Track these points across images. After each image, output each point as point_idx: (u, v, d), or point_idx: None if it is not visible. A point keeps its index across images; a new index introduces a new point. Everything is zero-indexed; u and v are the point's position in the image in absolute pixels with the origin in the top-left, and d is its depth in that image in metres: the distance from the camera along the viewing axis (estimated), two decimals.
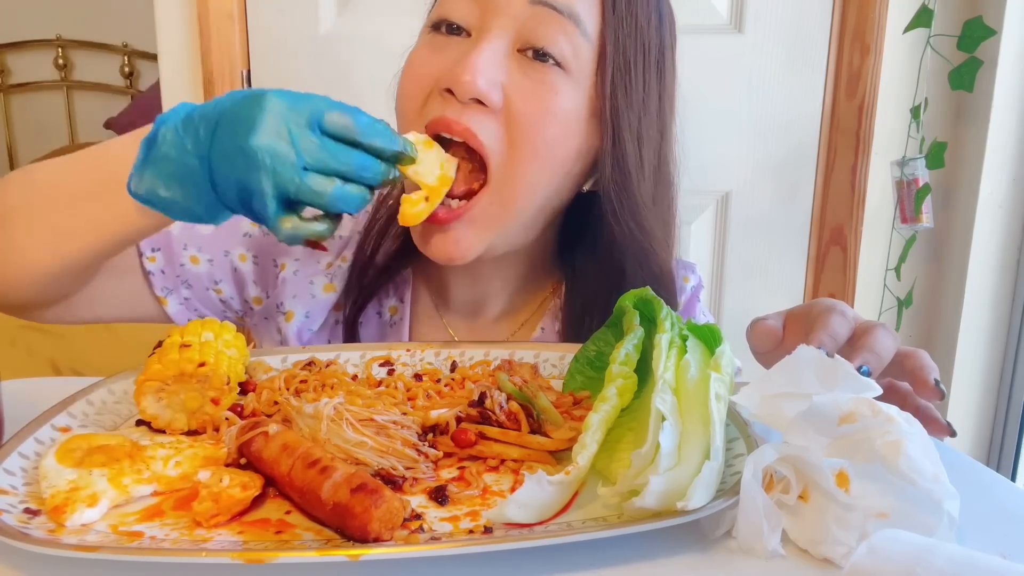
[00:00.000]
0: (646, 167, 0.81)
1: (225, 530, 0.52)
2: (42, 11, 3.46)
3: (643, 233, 0.82)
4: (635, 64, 0.77)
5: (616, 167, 0.79)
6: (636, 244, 0.83)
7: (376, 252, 0.92)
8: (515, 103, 0.75)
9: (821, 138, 1.74)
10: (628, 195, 0.80)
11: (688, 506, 0.50)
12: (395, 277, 0.94)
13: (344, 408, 0.61)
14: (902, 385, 0.67)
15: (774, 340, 0.69)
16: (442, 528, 0.53)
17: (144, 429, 0.65)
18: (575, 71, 0.76)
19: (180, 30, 1.78)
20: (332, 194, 0.61)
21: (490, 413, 0.63)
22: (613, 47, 0.76)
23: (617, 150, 0.78)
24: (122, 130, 3.31)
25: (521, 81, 0.75)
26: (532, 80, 0.75)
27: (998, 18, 1.57)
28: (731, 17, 1.70)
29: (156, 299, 0.91)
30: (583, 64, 0.76)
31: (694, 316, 0.98)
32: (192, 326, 0.70)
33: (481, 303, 0.94)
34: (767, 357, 0.71)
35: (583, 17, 0.75)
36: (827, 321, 0.64)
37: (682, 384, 0.56)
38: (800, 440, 0.54)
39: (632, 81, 0.78)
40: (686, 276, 1.00)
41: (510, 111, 0.75)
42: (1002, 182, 1.66)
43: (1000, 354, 1.76)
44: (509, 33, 0.75)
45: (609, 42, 0.76)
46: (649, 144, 0.81)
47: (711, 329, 0.61)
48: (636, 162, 0.80)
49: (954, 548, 0.46)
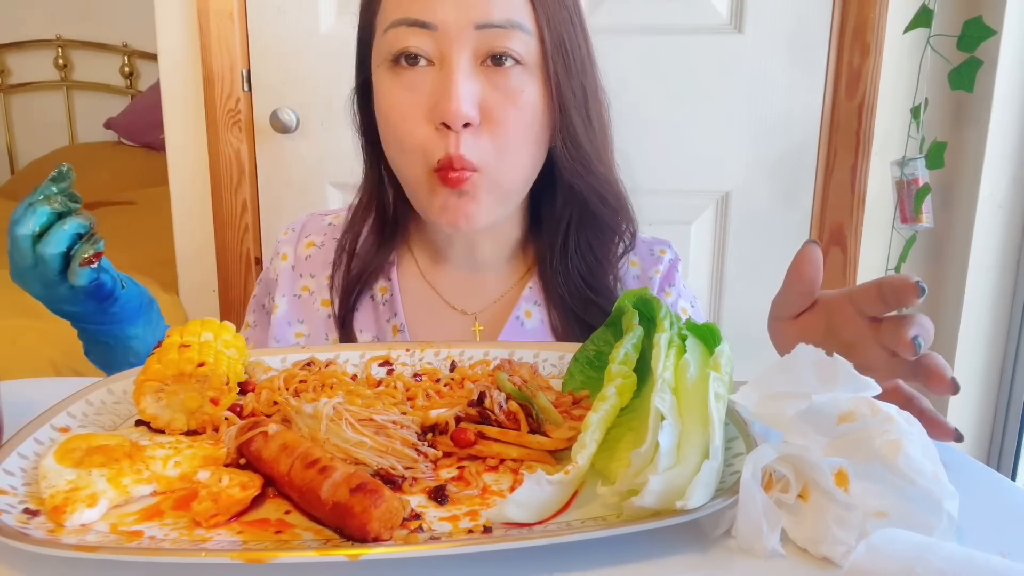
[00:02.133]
0: (593, 123, 0.92)
1: (224, 530, 0.52)
2: (42, 11, 3.46)
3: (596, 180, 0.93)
4: (567, 37, 0.87)
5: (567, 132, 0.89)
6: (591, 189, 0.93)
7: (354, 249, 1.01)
8: (493, 111, 0.85)
9: (821, 138, 1.74)
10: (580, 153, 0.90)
11: (687, 505, 0.50)
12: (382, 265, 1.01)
13: (343, 408, 0.61)
14: (906, 388, 0.67)
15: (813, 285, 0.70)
16: (441, 528, 0.53)
17: (143, 429, 0.65)
18: (528, 63, 0.85)
19: (180, 30, 1.78)
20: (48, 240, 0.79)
21: (489, 413, 0.63)
22: (548, 31, 0.85)
23: (566, 119, 0.88)
24: (122, 130, 3.33)
25: (492, 92, 0.84)
26: (499, 87, 0.85)
27: (998, 18, 1.57)
28: (731, 17, 1.70)
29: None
30: (532, 54, 0.85)
31: (675, 284, 1.03)
32: (191, 326, 0.70)
33: (477, 266, 1.00)
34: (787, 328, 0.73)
35: (520, 20, 0.84)
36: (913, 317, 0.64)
37: (681, 383, 0.56)
38: (799, 439, 0.55)
39: (568, 52, 0.87)
40: (662, 249, 1.05)
41: (490, 120, 0.85)
42: (1002, 182, 1.66)
43: (1000, 354, 1.76)
44: (468, 54, 0.83)
45: (544, 28, 0.85)
46: (591, 101, 0.91)
47: (710, 328, 0.62)
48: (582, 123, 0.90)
49: (953, 547, 0.46)
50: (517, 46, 0.83)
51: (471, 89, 0.83)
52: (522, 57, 0.84)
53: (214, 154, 1.83)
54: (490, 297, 1.00)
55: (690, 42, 1.70)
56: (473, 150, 0.84)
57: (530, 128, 0.87)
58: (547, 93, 0.87)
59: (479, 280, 1.01)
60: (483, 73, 0.84)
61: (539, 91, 0.86)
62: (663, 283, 1.02)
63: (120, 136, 3.35)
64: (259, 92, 1.80)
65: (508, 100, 0.85)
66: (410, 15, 0.83)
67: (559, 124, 0.88)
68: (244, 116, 1.81)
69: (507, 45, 0.83)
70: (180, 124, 1.85)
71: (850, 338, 0.67)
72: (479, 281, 1.01)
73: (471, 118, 0.83)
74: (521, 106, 0.85)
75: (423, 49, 0.84)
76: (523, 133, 0.86)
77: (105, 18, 3.44)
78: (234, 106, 1.80)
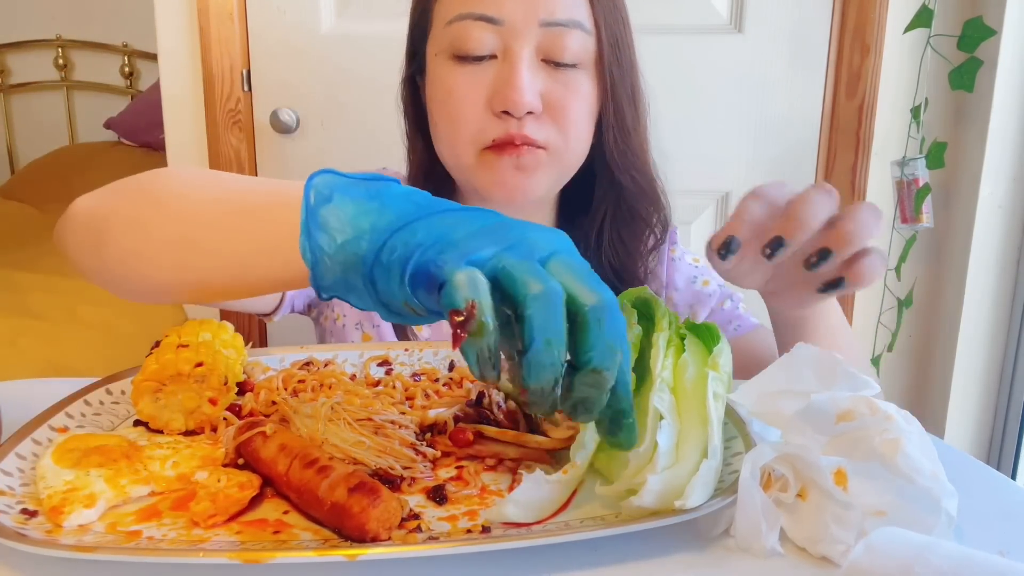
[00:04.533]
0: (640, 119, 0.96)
1: (223, 530, 0.52)
2: (42, 11, 3.45)
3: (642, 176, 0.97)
4: (620, 35, 0.91)
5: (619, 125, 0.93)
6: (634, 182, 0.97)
7: None
8: (553, 104, 0.88)
9: (821, 138, 1.74)
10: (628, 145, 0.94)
11: (686, 505, 0.50)
12: None
13: (342, 408, 0.61)
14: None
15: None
16: (440, 527, 0.53)
17: (141, 429, 0.65)
18: (584, 62, 0.89)
19: (180, 30, 1.78)
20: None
21: (488, 412, 0.63)
22: (605, 29, 0.89)
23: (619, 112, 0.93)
24: (122, 130, 3.32)
25: (552, 86, 0.88)
26: (560, 83, 0.88)
27: (998, 18, 1.57)
28: (731, 17, 1.70)
29: None
30: (590, 54, 0.89)
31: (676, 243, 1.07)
32: (190, 326, 0.70)
33: None
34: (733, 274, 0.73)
35: (581, 19, 0.87)
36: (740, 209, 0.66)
37: (680, 383, 0.56)
38: (798, 438, 0.54)
39: (620, 50, 0.91)
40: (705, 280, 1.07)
41: (551, 110, 0.88)
42: (1002, 182, 1.66)
43: (1000, 354, 1.76)
44: (531, 50, 0.87)
45: (602, 26, 0.89)
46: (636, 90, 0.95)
47: (709, 328, 0.61)
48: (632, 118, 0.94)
49: (952, 546, 0.46)
50: (576, 50, 0.87)
51: (534, 81, 0.86)
52: (579, 58, 0.88)
53: (214, 154, 1.83)
54: None
55: (690, 42, 1.70)
56: (538, 132, 0.88)
57: (585, 115, 0.91)
58: (600, 88, 0.91)
59: None
60: (543, 69, 0.88)
61: (593, 86, 0.91)
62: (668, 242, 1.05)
63: (120, 136, 3.35)
64: (259, 92, 1.80)
65: (567, 95, 0.88)
66: (476, 10, 0.86)
67: (612, 118, 0.92)
68: (244, 116, 1.81)
69: (568, 52, 0.87)
70: (180, 124, 1.85)
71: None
72: None
73: (534, 106, 0.86)
74: (579, 100, 0.89)
75: (487, 44, 0.86)
76: (579, 118, 0.90)
77: (105, 18, 3.44)
78: (234, 106, 1.80)
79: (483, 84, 0.87)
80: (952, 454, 0.64)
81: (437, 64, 0.90)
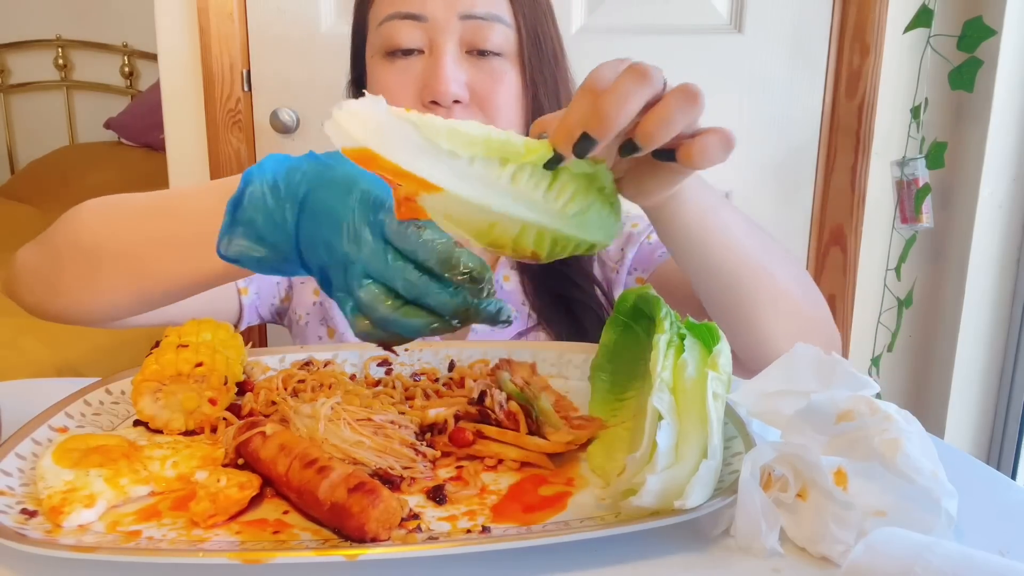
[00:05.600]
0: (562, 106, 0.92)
1: (223, 530, 0.52)
2: (42, 11, 3.45)
3: None
4: (540, 29, 0.96)
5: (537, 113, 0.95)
6: None
7: None
8: (478, 92, 0.93)
9: (821, 138, 1.73)
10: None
11: (686, 505, 0.50)
12: None
13: (342, 408, 0.61)
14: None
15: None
16: (440, 528, 0.53)
17: (141, 429, 0.65)
18: (507, 52, 0.94)
19: (180, 30, 1.77)
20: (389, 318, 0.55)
21: (489, 411, 0.63)
22: (524, 23, 0.94)
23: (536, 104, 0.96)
24: (122, 130, 3.32)
25: (477, 75, 0.93)
26: (483, 72, 0.93)
27: (998, 18, 1.57)
28: (731, 17, 1.70)
29: (237, 291, 1.02)
30: (511, 44, 0.94)
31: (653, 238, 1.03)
32: (189, 326, 0.70)
33: None
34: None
35: (500, 13, 0.93)
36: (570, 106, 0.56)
37: (680, 383, 0.56)
38: (798, 438, 0.54)
39: (540, 43, 0.96)
40: (635, 223, 1.06)
41: (478, 98, 0.93)
42: (1002, 182, 1.66)
43: (1000, 354, 1.76)
44: (455, 43, 0.92)
45: (521, 21, 0.94)
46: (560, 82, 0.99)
47: (709, 328, 0.61)
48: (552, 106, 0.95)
49: (952, 546, 0.46)
50: (496, 40, 0.93)
51: (458, 72, 0.92)
52: (500, 48, 0.93)
53: (214, 154, 1.83)
54: None
55: (690, 42, 1.70)
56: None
57: (511, 106, 0.95)
58: (523, 78, 0.96)
59: None
60: (467, 60, 0.93)
61: (517, 78, 0.95)
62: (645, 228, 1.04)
63: (120, 136, 3.35)
64: (259, 92, 1.80)
65: (490, 82, 0.93)
66: (402, 9, 0.92)
67: (530, 107, 0.96)
68: (244, 116, 1.81)
69: (487, 41, 0.92)
70: (180, 124, 1.85)
71: None
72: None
73: (460, 96, 0.91)
74: (502, 87, 0.94)
75: (415, 40, 0.92)
76: (510, 106, 0.94)
77: (105, 18, 3.44)
78: (234, 106, 1.80)
79: (412, 78, 0.93)
80: (952, 454, 0.64)
81: (373, 65, 0.97)
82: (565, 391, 0.73)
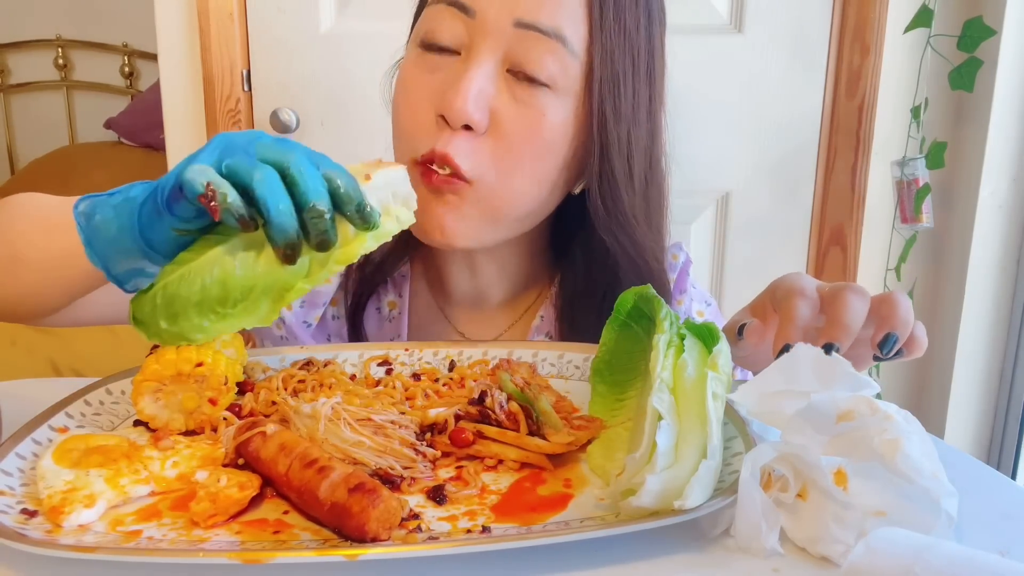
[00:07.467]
0: (635, 179, 0.81)
1: (223, 530, 0.52)
2: (42, 11, 3.46)
3: (633, 246, 0.83)
4: (624, 76, 0.77)
5: (604, 180, 0.80)
6: (625, 254, 0.83)
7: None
8: (503, 123, 0.76)
9: (821, 138, 1.74)
10: (617, 208, 0.81)
11: (685, 505, 0.50)
12: (393, 272, 0.95)
13: (342, 408, 0.61)
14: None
15: (761, 337, 0.68)
16: (440, 528, 0.53)
17: (142, 429, 0.65)
18: (563, 88, 0.76)
19: (180, 30, 1.78)
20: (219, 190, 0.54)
21: (490, 412, 0.63)
22: (601, 61, 0.76)
23: (605, 164, 0.79)
24: (122, 130, 3.32)
25: (509, 102, 0.76)
26: (520, 102, 0.76)
27: (998, 18, 1.57)
28: (731, 17, 1.70)
29: None
30: (571, 81, 0.76)
31: (685, 290, 0.96)
32: None
33: (481, 294, 0.94)
34: (749, 359, 0.70)
35: (569, 35, 0.75)
36: (790, 311, 0.63)
37: (679, 383, 0.56)
38: (798, 438, 0.54)
39: (621, 94, 0.77)
40: (675, 254, 0.97)
41: (498, 130, 0.76)
42: (1002, 182, 1.66)
43: (1000, 354, 1.76)
44: (497, 54, 0.75)
45: (597, 56, 0.76)
46: (638, 153, 0.81)
47: (709, 328, 0.61)
48: (625, 175, 0.80)
49: (952, 546, 0.46)
50: (552, 68, 0.75)
51: (484, 89, 0.75)
52: (554, 81, 0.75)
53: None
54: (499, 327, 0.94)
55: (690, 42, 1.70)
56: (467, 157, 0.76)
57: (544, 154, 0.78)
58: (583, 126, 0.78)
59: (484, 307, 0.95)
60: (506, 80, 0.76)
61: (568, 118, 0.77)
62: (675, 291, 0.94)
63: (120, 136, 3.35)
64: (259, 92, 1.80)
65: (524, 118, 0.76)
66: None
67: (596, 166, 0.78)
68: (244, 116, 1.81)
69: (540, 65, 0.74)
70: (180, 124, 1.85)
71: None
72: (484, 308, 0.95)
73: (474, 121, 0.75)
74: (539, 129, 0.76)
75: (454, 39, 0.77)
76: (533, 155, 0.77)
77: (105, 18, 3.44)
78: (234, 106, 1.80)
79: (437, 79, 0.77)
80: (952, 454, 0.64)
81: (408, 52, 0.83)
82: (565, 391, 0.73)
